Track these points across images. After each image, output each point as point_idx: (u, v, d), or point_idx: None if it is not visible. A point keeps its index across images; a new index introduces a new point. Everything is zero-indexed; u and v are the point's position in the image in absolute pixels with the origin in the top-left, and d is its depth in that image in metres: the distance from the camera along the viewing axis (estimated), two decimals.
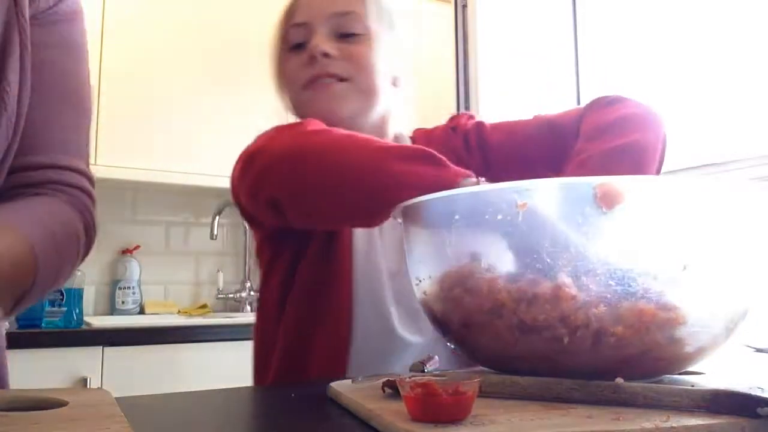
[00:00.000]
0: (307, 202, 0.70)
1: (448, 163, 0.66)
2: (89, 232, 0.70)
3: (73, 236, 0.66)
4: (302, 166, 0.68)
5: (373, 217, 0.69)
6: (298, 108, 0.91)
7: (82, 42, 0.73)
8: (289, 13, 0.90)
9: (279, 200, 0.71)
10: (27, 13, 0.65)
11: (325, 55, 0.84)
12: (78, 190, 0.70)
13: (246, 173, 0.74)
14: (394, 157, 0.65)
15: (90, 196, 0.72)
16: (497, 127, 0.92)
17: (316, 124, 0.74)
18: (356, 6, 0.87)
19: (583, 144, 0.78)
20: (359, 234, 0.86)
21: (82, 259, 0.71)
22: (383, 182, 0.64)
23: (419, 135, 0.97)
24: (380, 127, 0.91)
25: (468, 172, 0.65)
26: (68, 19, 0.71)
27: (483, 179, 0.64)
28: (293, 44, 0.88)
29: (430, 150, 0.67)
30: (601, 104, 0.82)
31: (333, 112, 0.84)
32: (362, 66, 0.85)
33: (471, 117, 0.97)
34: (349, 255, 0.84)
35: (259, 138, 0.77)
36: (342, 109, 0.85)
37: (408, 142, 0.95)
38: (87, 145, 0.74)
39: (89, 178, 0.73)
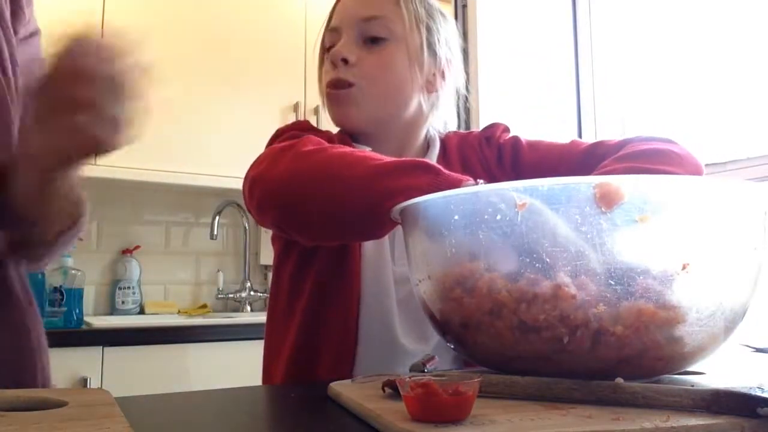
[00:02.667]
0: (309, 226, 0.71)
1: (444, 170, 0.65)
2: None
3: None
4: (299, 192, 0.69)
5: (376, 231, 0.69)
6: (327, 109, 0.92)
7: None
8: (328, 18, 0.92)
9: (283, 226, 0.73)
10: (8, 16, 0.68)
11: (344, 60, 0.85)
12: None
13: (251, 199, 0.75)
14: (389, 172, 0.65)
15: None
16: (534, 146, 0.91)
17: (312, 143, 0.74)
18: (385, 10, 0.87)
19: (611, 161, 0.78)
20: (369, 242, 0.86)
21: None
22: (379, 199, 0.63)
23: (451, 138, 0.96)
24: (408, 132, 0.91)
25: (466, 177, 0.65)
26: (37, 33, 0.77)
27: (482, 181, 0.64)
28: (327, 47, 0.91)
29: (425, 160, 0.67)
30: (642, 138, 0.82)
31: (347, 118, 0.87)
32: (376, 76, 0.86)
33: (506, 130, 0.95)
34: (358, 262, 0.84)
35: (261, 159, 0.77)
36: (354, 116, 0.87)
37: (438, 145, 0.94)
38: None
39: None
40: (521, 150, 0.91)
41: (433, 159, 0.92)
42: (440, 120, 0.96)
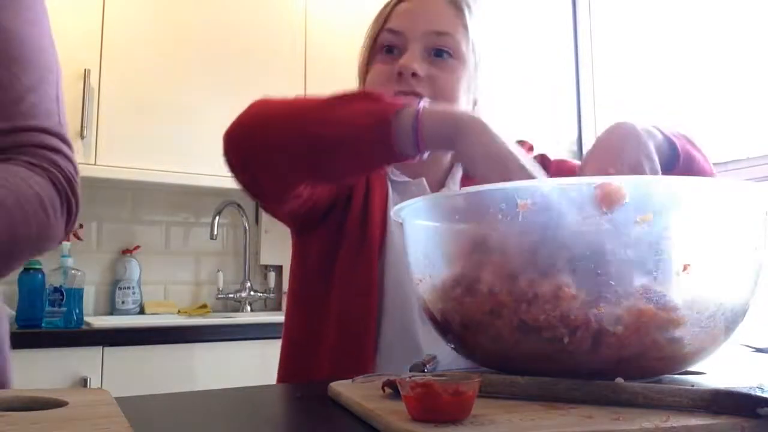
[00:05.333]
0: (268, 158, 0.73)
1: (386, 97, 0.67)
2: (63, 187, 0.68)
3: (33, 200, 0.64)
4: (259, 126, 0.73)
5: (322, 168, 0.71)
6: None
7: (33, 1, 0.72)
8: (385, 16, 0.90)
9: (246, 160, 0.75)
10: None
11: (414, 74, 0.84)
12: (46, 150, 0.68)
13: (223, 143, 0.77)
14: (334, 101, 0.69)
15: (60, 152, 0.70)
16: (560, 165, 0.91)
17: (279, 98, 0.77)
18: (453, 28, 0.87)
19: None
20: (391, 246, 0.85)
21: (66, 218, 0.69)
22: (322, 123, 0.67)
23: None
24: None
25: (405, 100, 0.67)
26: None
27: (425, 102, 0.65)
28: (384, 46, 0.89)
29: (369, 90, 0.70)
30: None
31: None
32: (446, 95, 0.85)
33: (531, 149, 0.95)
34: (377, 267, 0.84)
35: None
36: None
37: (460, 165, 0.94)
38: (56, 103, 0.72)
39: (59, 135, 0.71)
40: (548, 168, 0.91)
41: (457, 178, 0.93)
42: None
